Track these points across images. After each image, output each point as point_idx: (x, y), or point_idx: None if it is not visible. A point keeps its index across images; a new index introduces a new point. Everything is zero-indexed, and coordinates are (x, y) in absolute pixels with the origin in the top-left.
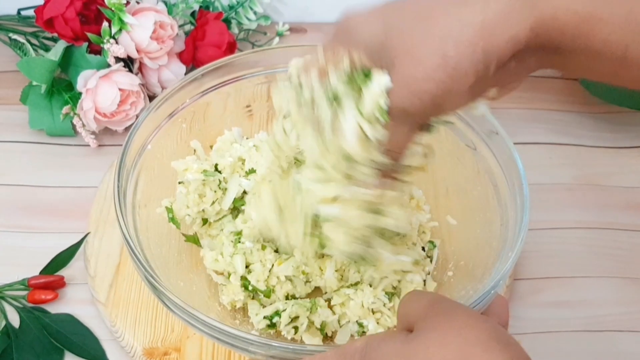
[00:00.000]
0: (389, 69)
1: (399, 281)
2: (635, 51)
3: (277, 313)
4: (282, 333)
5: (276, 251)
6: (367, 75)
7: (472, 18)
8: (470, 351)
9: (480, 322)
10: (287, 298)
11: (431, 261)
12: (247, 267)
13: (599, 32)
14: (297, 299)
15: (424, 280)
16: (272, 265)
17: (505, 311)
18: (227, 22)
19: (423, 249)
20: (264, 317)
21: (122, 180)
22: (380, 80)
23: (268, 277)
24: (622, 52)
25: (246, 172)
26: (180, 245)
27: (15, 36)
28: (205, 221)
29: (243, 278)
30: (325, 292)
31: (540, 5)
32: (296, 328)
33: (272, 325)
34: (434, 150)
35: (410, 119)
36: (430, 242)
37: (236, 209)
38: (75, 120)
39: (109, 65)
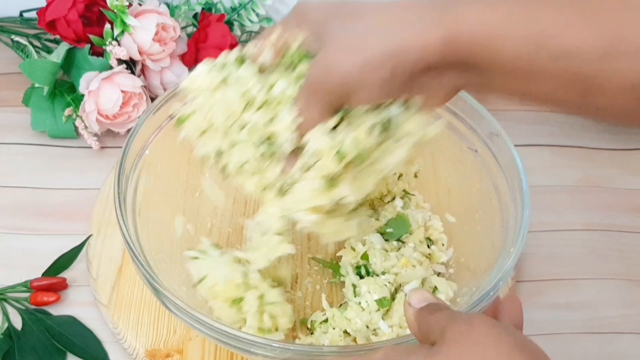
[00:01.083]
0: (318, 51)
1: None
2: (539, 63)
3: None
4: None
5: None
6: (305, 56)
7: (390, 25)
8: None
9: (503, 333)
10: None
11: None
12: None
13: (503, 48)
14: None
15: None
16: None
17: (519, 313)
18: (230, 24)
19: (428, 246)
20: None
21: (122, 183)
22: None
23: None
24: (527, 65)
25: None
26: (181, 247)
27: (17, 38)
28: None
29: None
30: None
31: (449, 21)
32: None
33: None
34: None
35: (321, 99)
36: (428, 238)
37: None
38: (78, 122)
39: (111, 67)
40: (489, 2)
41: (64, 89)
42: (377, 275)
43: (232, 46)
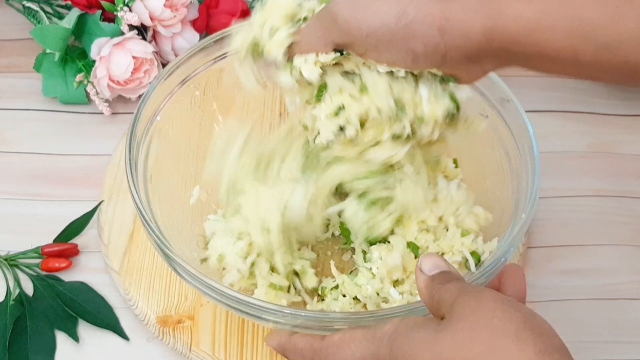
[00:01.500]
0: None
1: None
2: (584, 55)
3: None
4: None
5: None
6: None
7: (436, 1)
8: (500, 343)
9: (511, 310)
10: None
11: None
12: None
13: (547, 40)
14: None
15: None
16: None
17: (522, 281)
18: None
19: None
20: None
21: (133, 149)
22: None
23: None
24: (572, 56)
25: None
26: (193, 214)
27: (28, 4)
28: None
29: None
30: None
31: (491, 13)
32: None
33: None
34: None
35: (334, 37)
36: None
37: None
38: (89, 88)
39: (122, 33)
40: None
41: (75, 55)
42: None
43: (243, 12)
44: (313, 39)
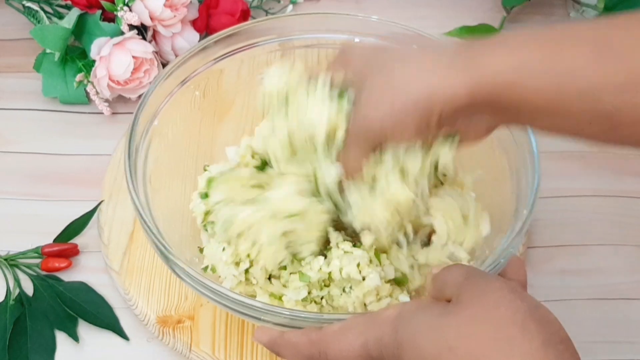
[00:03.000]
0: (357, 98)
1: None
2: (569, 104)
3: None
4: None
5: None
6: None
7: (420, 78)
8: (505, 332)
9: (517, 300)
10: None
11: None
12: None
13: (528, 90)
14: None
15: None
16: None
17: (522, 272)
18: None
19: None
20: None
21: (132, 150)
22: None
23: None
24: (557, 106)
25: None
26: (192, 214)
27: (28, 4)
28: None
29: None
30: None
31: (473, 69)
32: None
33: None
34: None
35: (362, 144)
36: None
37: None
38: (89, 88)
39: (122, 33)
40: (510, 46)
41: (75, 55)
42: None
43: (243, 12)
44: (357, 156)
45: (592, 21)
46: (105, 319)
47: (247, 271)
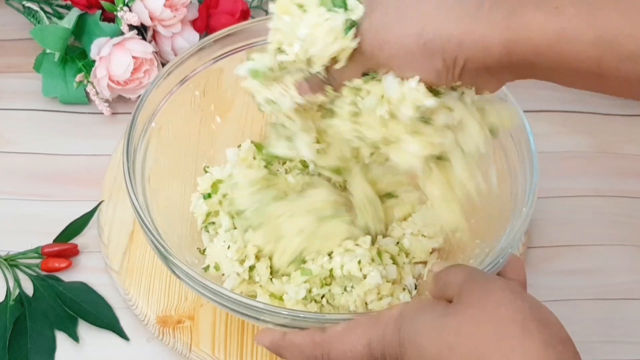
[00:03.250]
0: (367, 12)
1: None
2: (608, 65)
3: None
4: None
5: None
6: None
7: (457, 15)
8: (506, 333)
9: (518, 300)
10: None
11: None
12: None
13: (571, 50)
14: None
15: None
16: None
17: (521, 272)
18: None
19: None
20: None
21: (131, 148)
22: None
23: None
24: (596, 67)
25: None
26: (192, 218)
27: (28, 4)
28: None
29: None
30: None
31: (514, 26)
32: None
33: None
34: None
35: (362, 62)
36: None
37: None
38: (89, 88)
39: (122, 33)
40: (553, 4)
41: (75, 55)
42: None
43: (243, 12)
44: (350, 75)
45: None
46: (105, 319)
47: (251, 269)
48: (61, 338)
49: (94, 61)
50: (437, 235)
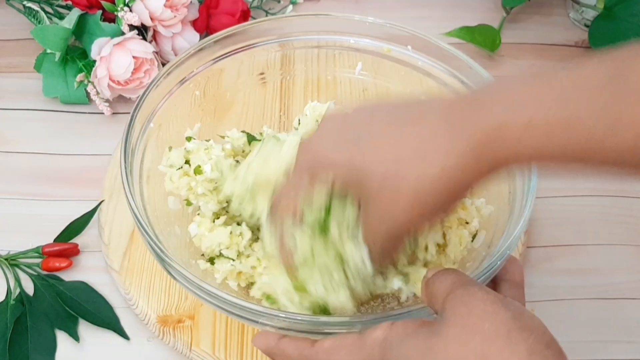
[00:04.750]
0: (365, 200)
1: None
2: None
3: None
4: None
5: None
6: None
7: (424, 157)
8: (492, 348)
9: (501, 310)
10: None
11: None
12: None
13: (558, 154)
14: None
15: None
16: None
17: (519, 273)
18: None
19: None
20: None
21: (129, 148)
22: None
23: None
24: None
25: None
26: (189, 217)
27: (29, 4)
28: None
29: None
30: None
31: (493, 153)
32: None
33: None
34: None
35: (397, 250)
36: None
37: None
38: (89, 88)
39: (123, 33)
40: (507, 108)
41: (76, 55)
42: None
43: (243, 12)
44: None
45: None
46: (106, 318)
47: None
48: (62, 337)
49: (94, 61)
50: None
